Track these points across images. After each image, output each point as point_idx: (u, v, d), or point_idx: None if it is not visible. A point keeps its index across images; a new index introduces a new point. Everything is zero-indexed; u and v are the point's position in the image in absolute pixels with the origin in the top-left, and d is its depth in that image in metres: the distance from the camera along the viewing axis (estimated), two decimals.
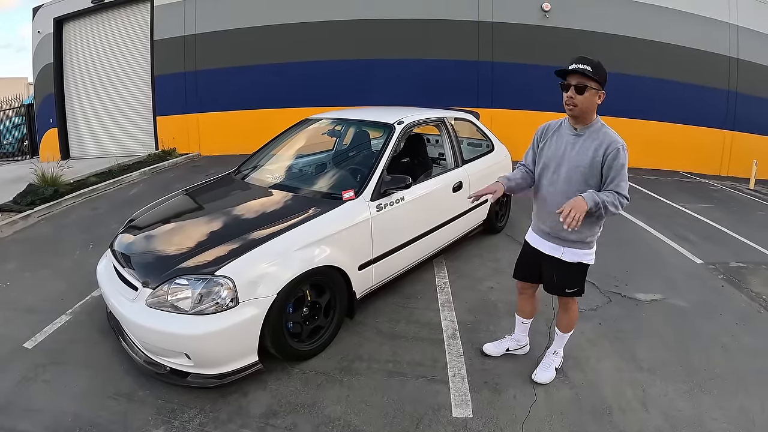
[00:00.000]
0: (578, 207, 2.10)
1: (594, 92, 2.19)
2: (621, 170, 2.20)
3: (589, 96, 2.19)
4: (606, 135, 2.24)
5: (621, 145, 2.20)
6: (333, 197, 3.20)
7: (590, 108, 2.23)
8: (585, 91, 2.18)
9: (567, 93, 2.23)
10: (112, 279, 2.87)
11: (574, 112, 2.25)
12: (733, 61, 10.40)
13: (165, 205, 3.59)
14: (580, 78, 2.17)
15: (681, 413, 2.47)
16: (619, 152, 2.19)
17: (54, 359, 2.88)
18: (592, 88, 2.18)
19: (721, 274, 4.38)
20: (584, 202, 2.12)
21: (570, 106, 2.24)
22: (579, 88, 2.18)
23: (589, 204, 2.13)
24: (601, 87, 2.20)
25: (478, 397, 2.57)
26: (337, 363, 2.85)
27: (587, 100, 2.20)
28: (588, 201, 2.14)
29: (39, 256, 4.60)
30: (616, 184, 2.21)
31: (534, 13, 9.82)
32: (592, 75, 2.15)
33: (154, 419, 2.38)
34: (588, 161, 2.24)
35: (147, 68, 10.87)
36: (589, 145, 2.25)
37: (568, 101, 2.23)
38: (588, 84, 2.17)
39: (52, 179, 6.65)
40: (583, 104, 2.21)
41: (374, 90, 9.85)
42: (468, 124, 4.95)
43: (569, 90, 2.21)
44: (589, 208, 2.13)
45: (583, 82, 2.17)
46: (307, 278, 2.73)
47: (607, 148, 2.20)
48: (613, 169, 2.21)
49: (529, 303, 2.80)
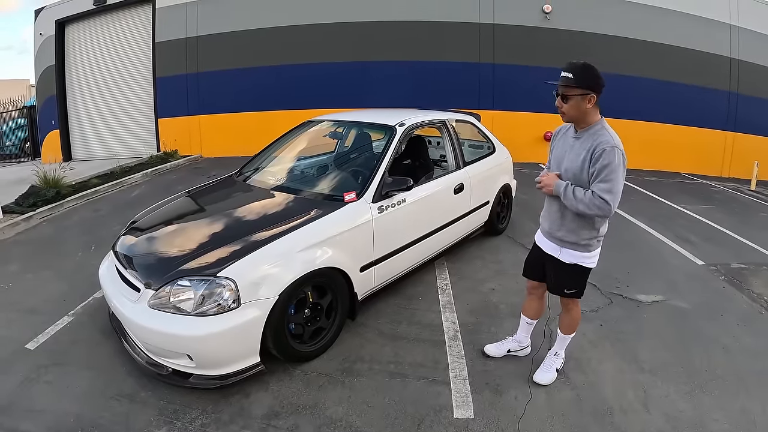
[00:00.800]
0: (545, 182, 2.33)
1: (579, 98, 2.18)
2: (603, 170, 2.13)
3: (574, 104, 2.20)
4: (600, 136, 2.19)
5: (609, 145, 2.13)
6: (335, 199, 3.21)
7: (581, 113, 2.22)
8: (568, 100, 2.20)
9: (556, 102, 2.27)
10: (115, 280, 2.88)
11: (565, 119, 2.31)
12: (734, 62, 10.40)
13: (167, 207, 3.60)
14: (564, 88, 2.19)
15: (682, 414, 2.48)
16: (605, 152, 2.12)
17: (56, 360, 2.89)
18: (576, 95, 2.18)
19: (722, 276, 4.38)
20: (552, 181, 2.31)
21: (560, 114, 2.29)
22: (563, 97, 2.21)
23: (556, 185, 2.27)
24: (589, 91, 2.16)
25: (479, 398, 2.57)
26: (339, 364, 2.85)
27: (572, 108, 2.21)
28: (558, 182, 2.28)
29: (41, 257, 4.62)
30: (595, 185, 2.17)
31: (535, 15, 9.82)
32: (574, 83, 2.15)
33: (156, 420, 2.39)
34: (579, 163, 2.24)
35: (149, 70, 10.89)
36: (583, 147, 2.25)
37: (558, 109, 2.28)
38: (570, 93, 2.18)
39: (54, 181, 6.66)
40: (570, 111, 2.23)
41: (376, 92, 9.87)
42: (469, 126, 4.96)
43: (557, 98, 2.25)
44: (555, 188, 2.28)
45: (566, 91, 2.19)
46: (308, 280, 2.73)
47: (596, 148, 2.17)
48: (596, 169, 2.17)
49: (537, 303, 2.80)
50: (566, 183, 2.26)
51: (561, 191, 2.25)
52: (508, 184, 5.06)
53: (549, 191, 2.32)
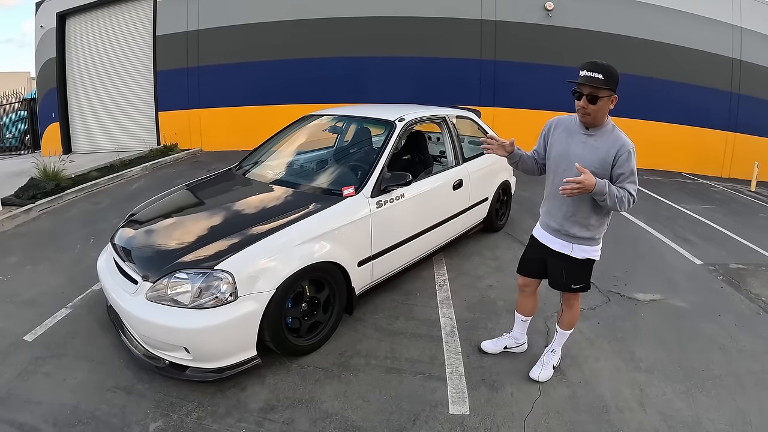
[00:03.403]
0: (587, 183, 2.11)
1: (606, 99, 2.19)
2: (631, 172, 2.24)
3: (602, 105, 2.19)
4: (618, 137, 2.25)
5: (632, 147, 2.24)
6: (333, 193, 3.20)
7: (603, 114, 2.24)
8: (598, 101, 2.17)
9: (580, 102, 2.22)
10: (113, 273, 2.88)
11: (587, 120, 2.27)
12: (735, 62, 10.39)
13: (166, 200, 3.59)
14: (592, 89, 2.15)
15: (678, 413, 2.48)
16: (630, 154, 2.23)
17: (54, 352, 2.89)
18: (605, 96, 2.17)
19: (720, 276, 4.38)
20: (593, 183, 2.13)
21: (583, 115, 2.25)
22: (592, 99, 2.17)
23: (597, 186, 2.14)
24: (614, 92, 2.18)
25: (475, 394, 2.58)
26: (336, 359, 2.86)
27: (600, 109, 2.20)
28: (598, 183, 2.14)
29: (40, 249, 4.61)
30: (625, 184, 2.24)
31: (537, 12, 9.80)
32: (604, 84, 2.13)
33: (153, 412, 2.39)
34: (599, 161, 2.24)
35: (149, 63, 10.86)
36: (601, 145, 2.25)
37: (581, 110, 2.24)
38: (600, 94, 2.16)
39: (53, 173, 6.66)
40: (597, 113, 2.22)
41: (376, 87, 9.85)
42: (469, 122, 4.95)
43: (582, 99, 2.20)
44: (596, 190, 2.14)
45: (595, 93, 2.16)
46: (306, 274, 2.73)
47: (620, 149, 2.22)
48: (623, 171, 2.24)
49: (529, 300, 2.80)
50: (605, 181, 2.20)
51: (605, 191, 2.17)
52: (507, 181, 5.06)
53: (587, 191, 2.15)
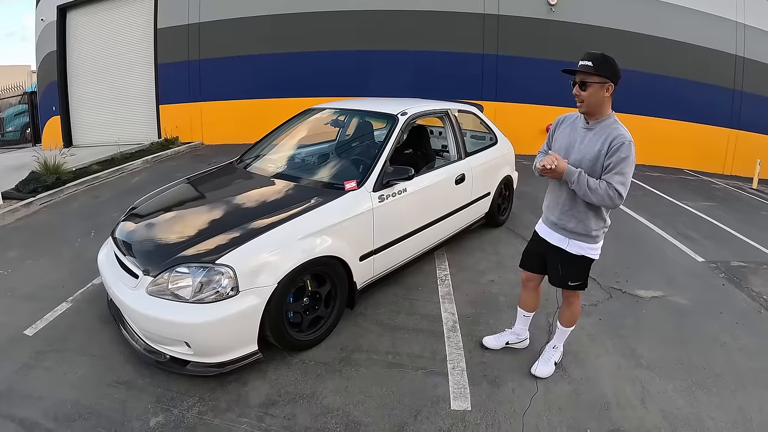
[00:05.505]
0: (558, 167, 2.22)
1: (598, 87, 2.19)
2: (620, 163, 2.17)
3: (593, 91, 2.20)
4: (616, 129, 2.23)
5: (628, 139, 2.18)
6: (335, 187, 3.18)
7: (599, 102, 2.23)
8: (587, 87, 2.20)
9: (574, 90, 2.26)
10: (113, 267, 2.87)
11: (582, 108, 2.28)
12: (739, 59, 10.33)
13: (167, 194, 3.58)
14: (583, 75, 2.20)
15: (679, 411, 2.47)
16: (623, 145, 2.17)
17: (54, 346, 2.89)
18: (595, 83, 2.18)
19: (722, 273, 4.37)
20: (565, 166, 2.23)
21: (578, 103, 2.27)
22: (582, 84, 2.22)
23: (567, 171, 2.23)
24: (607, 80, 2.18)
25: (476, 390, 2.57)
26: (337, 354, 2.85)
27: (592, 95, 2.21)
28: (568, 169, 2.23)
29: (40, 243, 4.60)
30: (610, 176, 2.19)
31: (540, 7, 9.73)
32: (594, 71, 2.16)
33: (154, 407, 2.39)
34: (594, 153, 2.24)
35: (150, 57, 10.80)
36: (598, 138, 2.25)
37: (576, 99, 2.27)
38: (589, 80, 2.19)
39: (54, 167, 6.63)
40: (589, 99, 2.23)
41: (377, 81, 9.80)
42: (472, 117, 4.92)
43: (575, 87, 2.25)
44: (566, 174, 2.23)
45: (585, 78, 2.20)
46: (307, 268, 2.72)
47: (613, 141, 2.20)
48: (611, 161, 2.19)
49: (532, 296, 2.80)
50: (578, 170, 2.23)
51: (574, 178, 2.22)
52: (509, 176, 5.04)
53: (557, 176, 2.26)
